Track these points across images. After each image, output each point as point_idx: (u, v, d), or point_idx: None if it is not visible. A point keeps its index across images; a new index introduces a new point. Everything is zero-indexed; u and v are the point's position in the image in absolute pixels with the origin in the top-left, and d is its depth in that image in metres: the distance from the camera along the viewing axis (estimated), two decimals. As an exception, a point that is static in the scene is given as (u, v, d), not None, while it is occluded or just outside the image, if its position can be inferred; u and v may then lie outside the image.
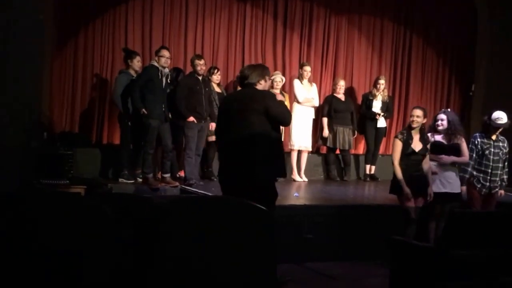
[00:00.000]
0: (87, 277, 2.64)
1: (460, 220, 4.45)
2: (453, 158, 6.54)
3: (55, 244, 2.62)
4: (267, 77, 5.24)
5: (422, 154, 6.21)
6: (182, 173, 8.42)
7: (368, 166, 9.90)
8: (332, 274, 6.08)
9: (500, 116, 6.62)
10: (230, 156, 5.17)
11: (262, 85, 5.18)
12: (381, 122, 9.77)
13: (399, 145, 6.21)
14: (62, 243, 2.63)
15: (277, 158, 5.17)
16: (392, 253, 4.93)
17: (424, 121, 6.32)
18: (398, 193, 6.22)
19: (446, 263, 4.31)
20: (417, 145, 6.21)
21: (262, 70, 5.27)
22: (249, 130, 4.98)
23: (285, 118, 5.16)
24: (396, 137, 6.38)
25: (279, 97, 5.45)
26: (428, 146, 6.29)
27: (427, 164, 6.28)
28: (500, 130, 6.74)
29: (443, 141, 6.57)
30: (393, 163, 6.20)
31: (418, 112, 6.32)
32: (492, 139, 6.75)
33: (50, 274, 2.60)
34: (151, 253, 2.62)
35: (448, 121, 6.56)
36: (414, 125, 6.25)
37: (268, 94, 5.19)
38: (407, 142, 6.19)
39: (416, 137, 6.24)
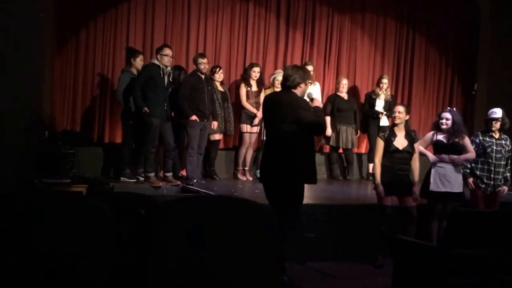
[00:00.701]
0: (87, 277, 2.62)
1: (463, 219, 4.43)
2: (462, 157, 6.49)
3: (55, 244, 2.60)
4: (308, 81, 5.34)
5: (407, 151, 6.16)
6: (184, 172, 8.40)
7: (371, 165, 9.83)
8: (334, 273, 6.06)
9: (494, 110, 6.82)
10: (263, 154, 5.58)
11: (301, 89, 5.29)
12: (384, 121, 9.74)
13: (380, 143, 6.20)
14: (62, 243, 2.61)
15: (305, 163, 5.25)
16: (395, 252, 4.92)
17: (407, 117, 6.32)
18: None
19: (449, 262, 4.29)
20: (401, 143, 6.16)
21: (304, 74, 5.34)
22: (279, 133, 5.18)
23: (317, 129, 5.37)
24: (377, 135, 6.37)
25: (317, 103, 5.54)
26: (416, 144, 6.24)
27: (417, 162, 6.24)
28: (498, 126, 6.75)
29: (444, 140, 6.53)
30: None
31: (399, 108, 6.31)
32: (495, 137, 6.75)
33: (50, 274, 2.59)
34: (151, 253, 2.60)
35: (453, 121, 6.49)
36: (397, 121, 6.24)
37: (303, 105, 5.25)
38: (389, 140, 6.16)
39: (400, 134, 6.20)
